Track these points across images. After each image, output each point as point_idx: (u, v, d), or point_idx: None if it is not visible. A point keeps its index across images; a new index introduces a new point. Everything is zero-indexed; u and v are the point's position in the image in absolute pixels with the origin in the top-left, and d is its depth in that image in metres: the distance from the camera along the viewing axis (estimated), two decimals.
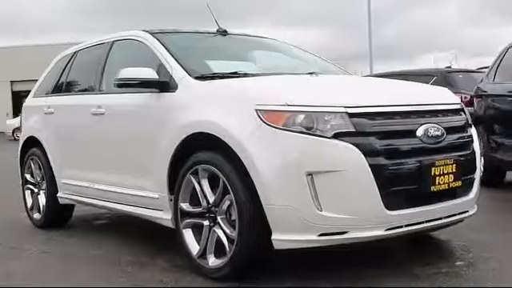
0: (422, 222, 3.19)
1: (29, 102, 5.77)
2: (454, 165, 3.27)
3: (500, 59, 6.74)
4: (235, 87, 3.47)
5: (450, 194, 3.30)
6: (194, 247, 3.47)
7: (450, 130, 3.35)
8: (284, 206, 2.98)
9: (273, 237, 3.05)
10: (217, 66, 3.99)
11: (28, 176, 5.55)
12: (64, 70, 5.30)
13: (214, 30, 4.63)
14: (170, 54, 3.91)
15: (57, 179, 5.05)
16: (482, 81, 7.00)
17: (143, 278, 3.48)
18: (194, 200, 3.49)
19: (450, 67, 10.54)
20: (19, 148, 5.67)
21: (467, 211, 3.51)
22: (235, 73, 3.77)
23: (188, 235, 3.51)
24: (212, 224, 3.36)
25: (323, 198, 2.95)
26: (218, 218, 3.31)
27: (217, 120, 3.26)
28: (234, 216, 3.22)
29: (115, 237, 4.74)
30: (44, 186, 5.26)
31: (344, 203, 2.97)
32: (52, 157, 5.08)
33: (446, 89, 3.84)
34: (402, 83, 3.83)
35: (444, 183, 3.22)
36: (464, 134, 3.51)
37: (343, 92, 3.34)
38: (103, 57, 4.65)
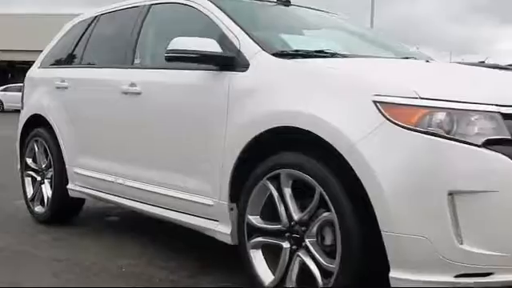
0: None
1: (34, 72, 4.88)
2: None
3: None
4: (341, 71, 2.65)
5: None
6: (265, 275, 2.68)
7: None
8: (414, 236, 2.20)
9: (391, 274, 2.28)
10: (294, 42, 3.17)
11: (29, 160, 4.69)
12: (81, 38, 4.41)
13: None
14: (236, 23, 3.09)
15: (67, 167, 4.21)
16: None
17: None
18: (268, 213, 2.70)
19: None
20: (19, 127, 4.80)
21: None
22: (321, 51, 2.97)
23: (257, 258, 2.72)
24: (295, 247, 2.58)
25: (466, 226, 2.18)
26: (306, 240, 2.52)
27: (317, 113, 2.44)
28: (329, 240, 2.45)
29: (146, 233, 4.16)
30: (50, 175, 4.42)
31: (492, 235, 2.20)
32: (63, 140, 4.23)
33: None
34: None
35: None
36: None
37: (489, 86, 2.55)
38: (137, 24, 3.78)
